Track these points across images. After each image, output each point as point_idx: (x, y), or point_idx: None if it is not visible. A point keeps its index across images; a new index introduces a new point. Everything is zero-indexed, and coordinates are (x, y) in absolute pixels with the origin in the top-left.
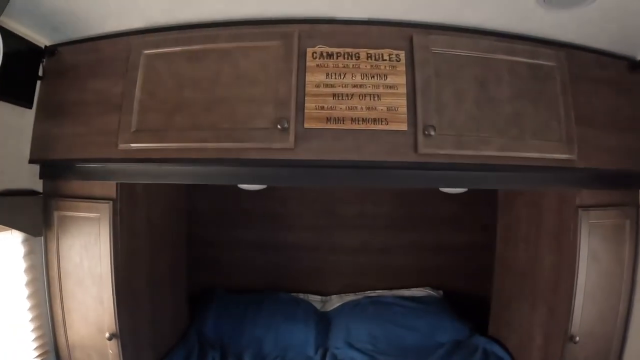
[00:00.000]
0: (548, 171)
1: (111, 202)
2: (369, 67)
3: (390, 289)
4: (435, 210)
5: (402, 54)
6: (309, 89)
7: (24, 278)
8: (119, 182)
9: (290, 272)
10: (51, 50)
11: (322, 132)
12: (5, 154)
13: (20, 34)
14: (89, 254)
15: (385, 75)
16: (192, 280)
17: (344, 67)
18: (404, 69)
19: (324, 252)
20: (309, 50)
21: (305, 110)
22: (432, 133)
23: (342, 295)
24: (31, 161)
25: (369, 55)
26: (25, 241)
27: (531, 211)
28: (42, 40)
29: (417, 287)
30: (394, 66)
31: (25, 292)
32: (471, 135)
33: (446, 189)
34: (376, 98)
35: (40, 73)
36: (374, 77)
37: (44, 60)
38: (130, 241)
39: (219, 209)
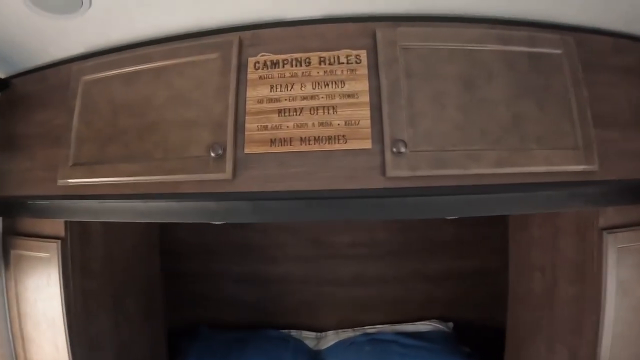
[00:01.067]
0: (561, 187)
1: (59, 241)
2: (322, 73)
3: (393, 323)
4: (437, 234)
5: (363, 54)
6: (249, 106)
7: None
8: (64, 220)
9: (281, 306)
10: (5, 83)
11: (264, 157)
12: None
13: None
14: (41, 295)
15: (343, 82)
16: (176, 316)
17: (291, 76)
18: (365, 72)
19: (316, 284)
20: (251, 61)
21: (246, 133)
22: (403, 150)
23: (339, 331)
24: None
25: (321, 59)
26: None
27: (545, 233)
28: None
29: (421, 320)
30: (353, 69)
31: None
32: (456, 150)
33: None
34: (331, 111)
35: None
36: (328, 85)
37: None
38: (86, 281)
39: (200, 242)
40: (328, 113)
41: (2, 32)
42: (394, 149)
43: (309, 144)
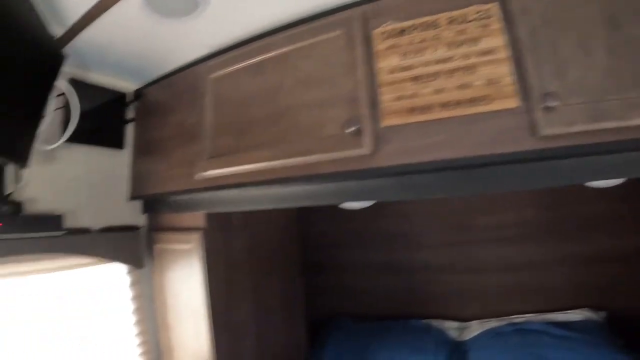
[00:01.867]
0: None
1: (201, 232)
2: (453, 34)
3: (540, 312)
4: (589, 210)
5: (494, 7)
6: (381, 77)
7: (131, 306)
8: (207, 211)
9: (422, 295)
10: (139, 94)
11: (403, 128)
12: (106, 194)
13: (103, 85)
14: (185, 285)
15: (477, 40)
16: (316, 306)
17: (421, 41)
18: (499, 25)
19: (460, 271)
20: (376, 32)
21: (381, 105)
22: (554, 104)
23: (483, 321)
24: (131, 198)
25: (450, 19)
26: (130, 272)
27: None
28: (128, 86)
29: (572, 309)
30: (485, 25)
31: (133, 319)
32: (612, 99)
33: (595, 183)
34: (469, 71)
35: (131, 116)
36: (462, 45)
37: (135, 103)
38: (228, 271)
39: (338, 232)
40: (466, 74)
41: (131, 46)
42: (544, 104)
43: (450, 110)
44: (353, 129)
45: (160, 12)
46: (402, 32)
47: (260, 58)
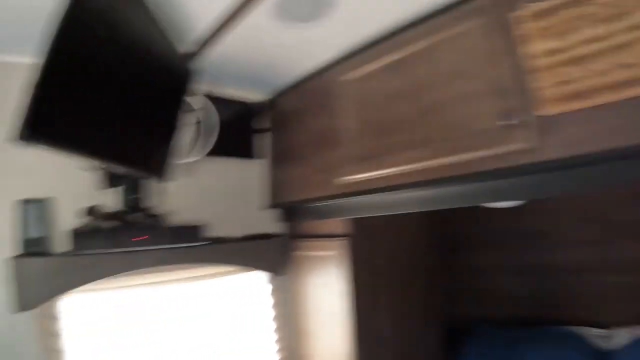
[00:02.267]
0: None
1: (346, 239)
2: (608, 9)
3: None
4: None
5: None
6: (533, 62)
7: (271, 313)
8: (349, 217)
9: (563, 299)
10: (272, 103)
11: (569, 116)
12: (241, 203)
13: (233, 97)
14: (326, 292)
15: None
16: (450, 311)
17: (573, 19)
18: None
19: (606, 272)
20: (521, 15)
21: (538, 92)
22: None
23: (634, 328)
24: (270, 206)
25: None
26: (271, 279)
27: None
28: (255, 96)
29: None
30: None
31: (273, 326)
32: None
33: None
34: (635, 47)
35: (265, 125)
36: (621, 18)
37: (268, 112)
38: (371, 278)
39: (475, 231)
40: (631, 51)
41: (258, 57)
42: None
43: (619, 92)
44: (509, 121)
45: (289, 18)
46: (549, 11)
47: (396, 55)
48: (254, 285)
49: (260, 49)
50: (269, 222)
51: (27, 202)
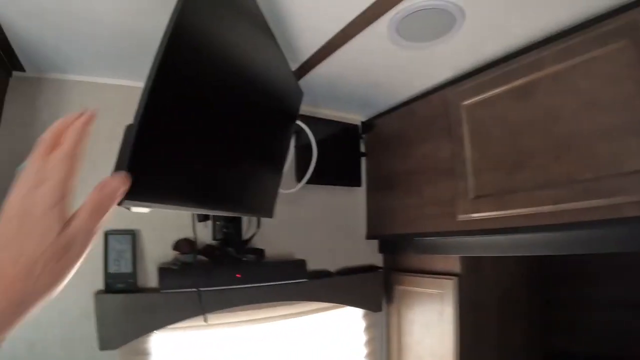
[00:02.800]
0: None
1: (455, 278)
2: None
3: None
4: None
5: None
6: None
7: (363, 351)
8: (460, 255)
9: None
10: (368, 125)
11: None
12: (344, 233)
13: (332, 119)
14: (430, 331)
15: None
16: (549, 346)
17: None
18: None
19: None
20: None
21: None
22: None
23: None
24: (368, 237)
25: None
26: (366, 315)
27: None
28: (356, 117)
29: None
30: None
31: None
32: None
33: None
34: None
35: (362, 149)
36: None
37: (363, 136)
38: (477, 318)
39: (576, 263)
40: None
41: (364, 77)
42: None
43: None
44: None
45: (410, 38)
46: None
47: (524, 79)
48: (346, 322)
49: (368, 69)
50: (366, 254)
51: (112, 233)
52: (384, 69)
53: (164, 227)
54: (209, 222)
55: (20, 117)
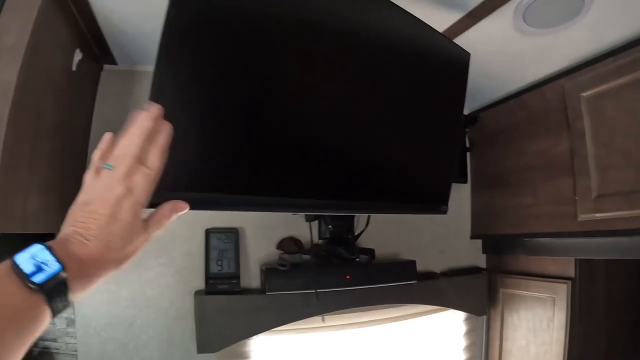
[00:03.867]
0: None
1: (569, 282)
2: None
3: None
4: None
5: None
6: None
7: (462, 356)
8: (575, 257)
9: None
10: (473, 118)
11: None
12: (448, 232)
13: None
14: (537, 338)
15: None
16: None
17: None
18: None
19: None
20: None
21: None
22: None
23: None
24: (473, 236)
25: None
26: (467, 319)
27: None
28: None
29: None
30: None
31: None
32: None
33: None
34: None
35: (467, 144)
36: None
37: (468, 130)
38: (587, 325)
39: None
40: None
41: (479, 66)
42: None
43: None
44: None
45: (534, 24)
46: None
47: None
48: (446, 325)
49: (482, 58)
50: (469, 254)
51: (213, 232)
52: (498, 58)
53: (269, 226)
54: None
55: (111, 110)
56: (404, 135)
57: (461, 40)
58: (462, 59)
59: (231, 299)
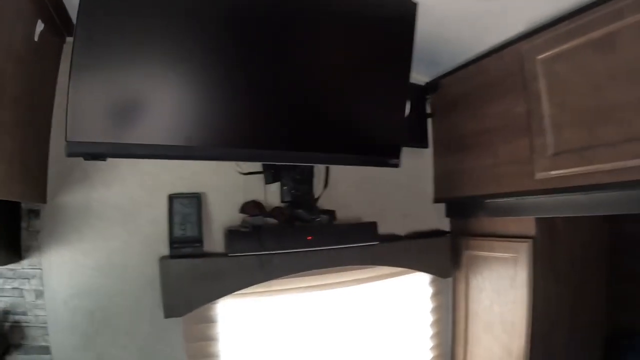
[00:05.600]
0: None
1: (530, 240)
2: None
3: None
4: None
5: None
6: None
7: (429, 318)
8: (536, 217)
9: None
10: (433, 85)
11: None
12: (411, 196)
13: None
14: (500, 298)
15: None
16: (614, 320)
17: None
18: None
19: None
20: None
21: None
22: None
23: None
24: (436, 200)
25: None
26: (432, 282)
27: None
28: (420, 78)
29: None
30: None
31: (430, 331)
32: None
33: None
34: None
35: (428, 110)
36: None
37: (428, 97)
38: (551, 285)
39: None
40: None
41: (435, 31)
42: None
43: None
44: None
45: None
46: None
47: (604, 29)
48: (411, 288)
49: (437, 23)
50: (433, 218)
51: (176, 197)
52: (454, 22)
53: (231, 191)
54: (277, 185)
55: None
56: (352, 90)
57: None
58: (407, 11)
59: (195, 262)
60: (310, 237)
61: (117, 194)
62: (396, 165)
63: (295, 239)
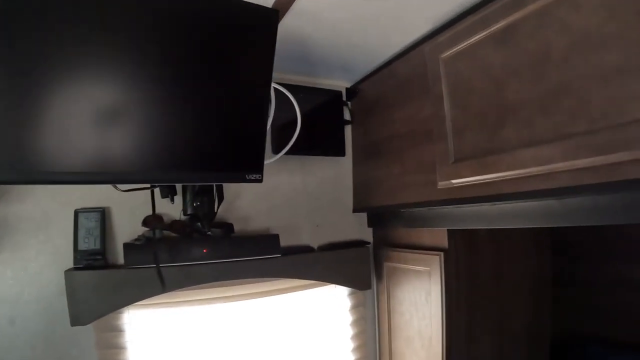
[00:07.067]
0: None
1: (441, 253)
2: None
3: None
4: None
5: None
6: None
7: (349, 331)
8: (447, 228)
9: None
10: (352, 91)
11: None
12: (328, 207)
13: (321, 86)
14: (418, 312)
15: None
16: (558, 329)
17: None
18: None
19: None
20: None
21: None
22: None
23: None
24: (355, 210)
25: None
26: (351, 294)
27: None
28: (341, 84)
29: None
30: None
31: (350, 345)
32: None
33: None
34: None
35: (347, 117)
36: None
37: (348, 103)
38: (470, 297)
39: (593, 239)
40: None
41: (339, 36)
42: None
43: None
44: None
45: None
46: None
47: (504, 21)
48: (330, 301)
49: (336, 26)
50: (354, 228)
51: (81, 211)
52: (354, 26)
53: (136, 205)
54: (184, 196)
55: None
56: (205, 104)
57: (301, 7)
58: (267, 19)
59: (96, 274)
60: (205, 250)
61: (30, 207)
62: (258, 181)
63: (191, 251)
